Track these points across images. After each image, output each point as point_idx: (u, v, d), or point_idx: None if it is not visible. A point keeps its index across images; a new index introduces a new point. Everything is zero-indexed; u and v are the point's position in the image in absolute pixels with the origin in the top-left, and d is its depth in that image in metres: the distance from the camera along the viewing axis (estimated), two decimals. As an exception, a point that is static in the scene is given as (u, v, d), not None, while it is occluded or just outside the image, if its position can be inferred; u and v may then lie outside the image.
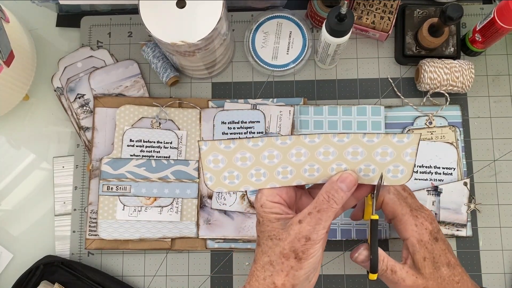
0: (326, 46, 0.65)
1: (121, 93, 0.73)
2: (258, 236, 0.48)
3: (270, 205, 0.47)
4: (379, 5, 0.70)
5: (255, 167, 0.48)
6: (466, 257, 0.68)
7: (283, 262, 0.46)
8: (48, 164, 0.73)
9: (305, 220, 0.46)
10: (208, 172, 0.49)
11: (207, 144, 0.47)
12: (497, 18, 0.63)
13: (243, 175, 0.49)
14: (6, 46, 0.64)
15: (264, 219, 0.47)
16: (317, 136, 0.47)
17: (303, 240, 0.45)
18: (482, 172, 0.70)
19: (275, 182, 0.49)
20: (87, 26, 0.76)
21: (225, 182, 0.49)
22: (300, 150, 0.48)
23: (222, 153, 0.48)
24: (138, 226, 0.68)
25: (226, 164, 0.48)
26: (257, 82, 0.74)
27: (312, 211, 0.46)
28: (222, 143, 0.47)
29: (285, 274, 0.46)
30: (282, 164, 0.48)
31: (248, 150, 0.48)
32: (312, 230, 0.45)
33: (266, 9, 0.75)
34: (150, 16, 0.59)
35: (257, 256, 0.48)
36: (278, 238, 0.46)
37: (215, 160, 0.48)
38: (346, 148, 0.47)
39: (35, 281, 0.67)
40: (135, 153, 0.70)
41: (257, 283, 0.47)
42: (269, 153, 0.48)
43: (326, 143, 0.47)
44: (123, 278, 0.70)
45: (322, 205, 0.46)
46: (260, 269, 0.47)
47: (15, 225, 0.72)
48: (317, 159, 0.48)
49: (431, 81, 0.68)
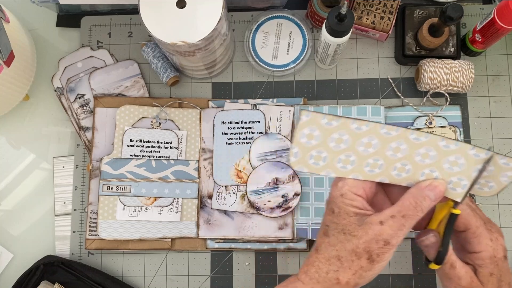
0: (326, 46, 0.65)
1: (121, 93, 0.73)
2: (326, 226, 0.45)
3: (352, 197, 0.44)
4: (379, 5, 0.70)
5: (347, 152, 0.44)
6: (466, 257, 0.68)
7: (353, 260, 0.43)
8: (48, 164, 0.73)
9: (387, 223, 0.42)
10: (296, 147, 0.44)
11: (309, 115, 0.43)
12: (497, 18, 0.63)
13: (331, 159, 0.44)
14: (6, 46, 0.64)
15: (341, 210, 0.44)
16: (425, 135, 0.44)
17: (382, 243, 0.42)
18: (482, 172, 0.70)
19: (359, 173, 0.45)
20: (87, 26, 0.76)
21: (310, 161, 0.45)
22: (400, 145, 0.44)
23: (320, 129, 0.43)
24: (138, 226, 0.69)
25: (319, 142, 0.44)
26: (257, 82, 0.74)
27: (396, 215, 0.43)
28: (326, 118, 0.43)
29: (353, 272, 0.43)
30: (375, 156, 0.44)
31: (348, 132, 0.44)
32: (394, 235, 0.42)
33: (266, 9, 0.75)
34: (150, 16, 0.59)
35: (322, 246, 0.44)
36: (352, 234, 0.43)
37: (309, 135, 0.44)
38: (418, 148, 0.45)
39: (35, 281, 0.67)
40: (135, 153, 0.70)
41: (317, 275, 0.44)
42: (369, 140, 0.44)
43: (429, 145, 0.44)
44: (123, 278, 0.70)
45: (408, 211, 0.43)
46: (324, 262, 0.44)
47: (15, 225, 0.72)
48: (413, 160, 0.45)
49: (431, 81, 0.68)
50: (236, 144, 0.70)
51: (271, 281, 0.69)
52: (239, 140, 0.70)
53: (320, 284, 0.44)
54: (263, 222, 0.68)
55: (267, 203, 0.68)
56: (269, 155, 0.69)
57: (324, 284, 0.44)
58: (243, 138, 0.70)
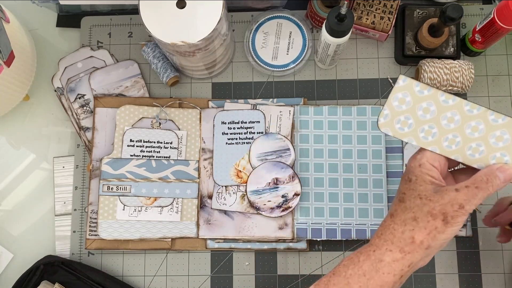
0: (326, 46, 0.65)
1: (121, 93, 0.73)
2: (403, 193, 0.48)
3: (429, 167, 0.47)
4: (379, 5, 0.70)
5: (430, 123, 0.48)
6: (466, 257, 0.68)
7: (429, 220, 0.45)
8: (48, 164, 0.74)
9: (462, 191, 0.46)
10: (387, 109, 0.48)
11: (406, 80, 0.47)
12: (497, 19, 0.63)
13: (415, 127, 0.48)
14: (6, 46, 0.64)
15: (418, 178, 0.47)
16: (502, 117, 0.47)
17: (457, 206, 0.45)
18: (482, 172, 0.70)
19: (437, 147, 0.48)
20: (87, 26, 0.76)
21: (396, 125, 0.48)
22: (479, 125, 0.47)
23: (412, 96, 0.48)
24: (138, 226, 0.69)
25: (409, 108, 0.48)
26: (257, 82, 0.74)
27: (469, 185, 0.46)
28: (419, 86, 0.47)
29: (427, 232, 0.45)
30: (454, 132, 0.48)
31: (436, 104, 0.47)
32: (468, 201, 0.45)
33: (266, 9, 0.75)
34: (150, 16, 0.59)
35: (398, 211, 0.47)
36: (428, 199, 0.46)
37: (401, 99, 0.48)
38: (494, 130, 0.48)
39: (35, 281, 0.67)
40: (135, 153, 0.70)
41: (391, 236, 0.47)
42: (451, 115, 0.47)
43: (504, 128, 0.47)
44: (123, 278, 0.70)
45: (481, 184, 0.46)
46: (400, 223, 0.47)
47: (15, 225, 0.72)
48: (488, 142, 0.48)
49: (431, 81, 0.68)
50: (236, 144, 0.70)
51: (271, 281, 0.69)
52: (239, 140, 0.70)
53: (395, 245, 0.46)
54: (263, 222, 0.68)
55: (267, 203, 0.68)
56: (269, 155, 0.69)
57: (398, 244, 0.46)
58: (243, 138, 0.70)
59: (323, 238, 0.68)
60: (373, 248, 0.48)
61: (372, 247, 0.48)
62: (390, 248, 0.47)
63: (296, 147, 0.70)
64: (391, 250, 0.46)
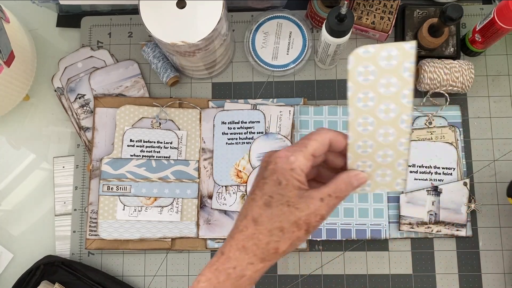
0: (326, 46, 0.65)
1: (121, 93, 0.73)
2: (270, 197, 0.45)
3: (299, 172, 0.46)
4: (379, 5, 0.70)
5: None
6: (466, 257, 0.68)
7: (294, 231, 0.45)
8: (48, 164, 0.74)
9: (325, 201, 0.45)
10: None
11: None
12: (497, 19, 0.63)
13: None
14: (6, 46, 0.64)
15: (289, 183, 0.45)
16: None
17: (319, 217, 0.45)
18: (482, 172, 0.70)
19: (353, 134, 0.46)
20: (87, 26, 0.76)
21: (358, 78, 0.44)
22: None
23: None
24: (138, 226, 0.69)
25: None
26: (257, 82, 0.74)
27: (332, 194, 0.46)
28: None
29: (290, 242, 0.45)
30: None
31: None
32: (329, 211, 0.46)
33: (266, 9, 0.75)
34: (150, 16, 0.59)
35: (263, 218, 0.45)
36: (295, 207, 0.45)
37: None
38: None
39: (35, 281, 0.67)
40: (135, 153, 0.70)
41: (255, 247, 0.45)
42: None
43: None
44: (123, 278, 0.70)
45: (341, 193, 0.46)
46: (265, 233, 0.45)
47: (15, 225, 0.72)
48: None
49: (431, 81, 0.68)
50: (236, 144, 0.70)
51: (271, 281, 0.69)
52: (239, 140, 0.70)
53: (257, 256, 0.45)
54: (263, 222, 0.68)
55: (267, 203, 0.68)
56: (269, 155, 0.69)
57: (261, 255, 0.45)
58: (243, 138, 0.70)
59: (323, 238, 0.68)
60: (233, 264, 0.45)
61: (232, 263, 0.45)
62: (252, 261, 0.45)
63: (296, 147, 0.70)
64: (252, 263, 0.45)
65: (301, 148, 0.46)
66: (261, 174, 0.47)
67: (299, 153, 0.45)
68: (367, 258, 0.69)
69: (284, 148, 0.46)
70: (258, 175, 0.47)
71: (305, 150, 0.45)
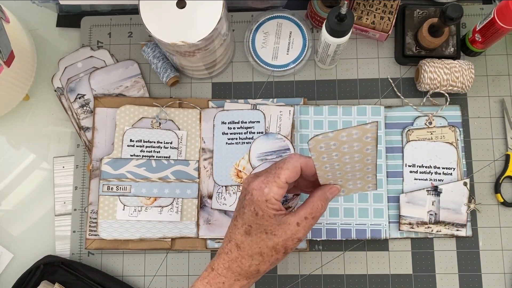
0: (326, 46, 0.65)
1: (121, 93, 0.73)
2: (249, 226, 0.50)
3: (274, 202, 0.50)
4: (379, 5, 0.70)
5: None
6: (466, 257, 0.68)
7: (272, 255, 0.50)
8: (48, 164, 0.74)
9: (302, 224, 0.50)
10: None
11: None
12: (497, 18, 0.63)
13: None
14: (6, 46, 0.64)
15: (265, 213, 0.49)
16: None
17: (296, 240, 0.50)
18: (482, 172, 0.70)
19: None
20: (87, 26, 0.76)
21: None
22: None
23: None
24: (138, 226, 0.69)
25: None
26: (257, 82, 0.74)
27: (308, 217, 0.50)
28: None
29: (270, 264, 0.51)
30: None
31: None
32: (305, 233, 0.50)
33: (266, 9, 0.75)
34: (150, 16, 0.59)
35: (245, 245, 0.50)
36: (273, 234, 0.50)
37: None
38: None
39: (35, 281, 0.67)
40: (135, 153, 0.70)
41: (239, 269, 0.51)
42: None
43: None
44: (123, 278, 0.70)
45: (317, 213, 0.51)
46: (247, 258, 0.51)
47: (15, 225, 0.72)
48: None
49: (431, 81, 0.68)
50: (236, 144, 0.70)
51: (271, 281, 0.69)
52: (239, 140, 0.70)
53: (242, 275, 0.51)
54: (263, 222, 0.68)
55: (267, 203, 0.68)
56: (269, 155, 0.69)
57: (245, 275, 0.51)
58: (243, 138, 0.70)
59: (323, 238, 0.68)
60: (222, 279, 0.51)
61: (221, 278, 0.51)
62: (238, 279, 0.52)
63: (296, 147, 0.70)
64: (239, 280, 0.52)
65: (274, 179, 0.50)
66: (241, 202, 0.52)
67: (273, 184, 0.50)
68: (367, 258, 0.69)
69: (259, 179, 0.51)
70: (239, 201, 0.53)
71: (278, 180, 0.50)
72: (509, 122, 0.70)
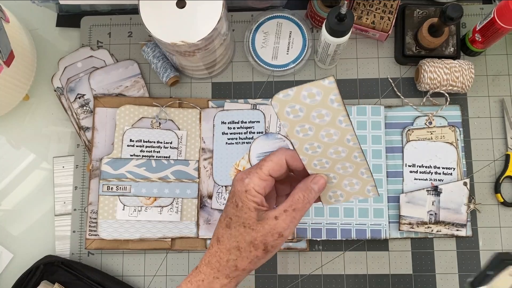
0: (326, 46, 0.65)
1: (121, 93, 0.73)
2: (230, 219, 0.49)
3: (254, 194, 0.48)
4: (379, 5, 0.70)
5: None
6: (466, 257, 0.68)
7: (251, 251, 0.48)
8: (48, 164, 0.74)
9: (281, 217, 0.47)
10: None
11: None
12: (497, 18, 0.63)
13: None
14: (6, 46, 0.64)
15: (244, 205, 0.48)
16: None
17: (276, 235, 0.48)
18: (482, 172, 0.70)
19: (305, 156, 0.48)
20: (87, 26, 0.76)
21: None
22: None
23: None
24: (138, 226, 0.69)
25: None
26: (257, 82, 0.74)
27: (288, 209, 0.48)
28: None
29: (249, 261, 0.49)
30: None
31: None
32: (286, 228, 0.48)
33: (266, 9, 0.75)
34: (150, 16, 0.59)
35: (224, 238, 0.49)
36: (251, 228, 0.48)
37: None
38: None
39: (35, 281, 0.67)
40: (135, 153, 0.70)
41: (218, 264, 0.49)
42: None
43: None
44: (123, 278, 0.70)
45: (298, 204, 0.48)
46: (225, 252, 0.49)
47: (15, 225, 0.72)
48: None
49: (431, 81, 0.68)
50: (236, 144, 0.70)
51: (271, 281, 0.69)
52: (239, 140, 0.70)
53: (221, 272, 0.49)
54: (263, 222, 0.68)
55: (267, 203, 0.68)
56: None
57: (224, 271, 0.49)
58: (243, 138, 0.70)
59: (323, 238, 0.68)
60: (201, 277, 0.50)
61: (201, 276, 0.50)
62: (217, 276, 0.50)
63: (296, 147, 0.70)
64: (218, 278, 0.50)
65: (256, 170, 0.48)
66: (228, 196, 0.50)
67: (254, 175, 0.48)
68: (367, 258, 0.69)
69: (243, 171, 0.49)
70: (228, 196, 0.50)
71: (260, 171, 0.48)
72: (509, 122, 0.70)
